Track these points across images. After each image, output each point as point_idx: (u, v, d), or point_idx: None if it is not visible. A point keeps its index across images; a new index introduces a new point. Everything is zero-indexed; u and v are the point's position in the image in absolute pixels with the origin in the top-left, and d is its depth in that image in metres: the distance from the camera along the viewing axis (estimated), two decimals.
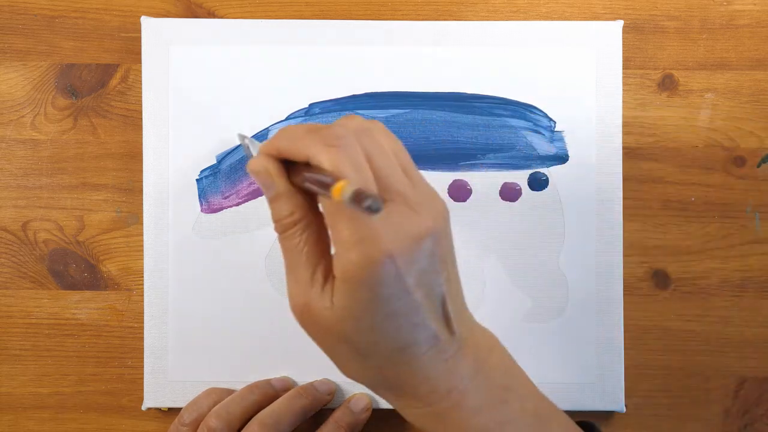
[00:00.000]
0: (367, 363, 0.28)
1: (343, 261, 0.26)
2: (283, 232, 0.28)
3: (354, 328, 0.27)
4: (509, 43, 0.42)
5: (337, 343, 0.28)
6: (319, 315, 0.27)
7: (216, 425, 0.37)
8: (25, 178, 0.42)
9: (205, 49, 0.42)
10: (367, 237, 0.25)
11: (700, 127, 0.42)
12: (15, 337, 0.43)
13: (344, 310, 0.26)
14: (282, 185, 0.27)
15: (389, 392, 0.29)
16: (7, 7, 0.43)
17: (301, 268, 0.27)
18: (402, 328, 0.27)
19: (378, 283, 0.25)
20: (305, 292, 0.27)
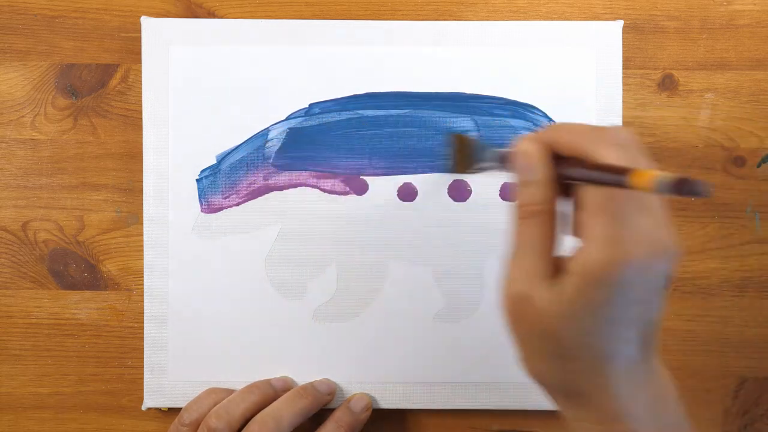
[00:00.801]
0: (565, 365, 0.28)
1: (591, 256, 0.26)
2: (527, 218, 0.28)
3: (572, 327, 0.27)
4: (509, 43, 0.42)
5: (544, 338, 0.28)
6: (539, 305, 0.27)
7: (216, 425, 0.37)
8: (25, 178, 0.42)
9: (205, 49, 0.42)
10: (621, 238, 0.25)
11: (700, 127, 0.42)
12: (15, 337, 0.43)
13: (569, 307, 0.26)
14: (546, 172, 0.28)
15: (569, 400, 0.29)
16: (7, 7, 0.43)
17: (533, 258, 0.28)
18: (613, 338, 0.27)
19: (616, 285, 0.25)
20: (529, 281, 0.27)
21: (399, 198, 0.42)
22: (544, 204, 0.28)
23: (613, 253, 0.25)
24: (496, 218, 0.41)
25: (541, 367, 0.29)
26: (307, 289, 0.42)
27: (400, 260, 0.42)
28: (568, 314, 0.26)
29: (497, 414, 0.42)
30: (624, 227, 0.26)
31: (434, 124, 0.41)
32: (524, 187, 0.28)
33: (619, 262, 0.25)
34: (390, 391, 0.42)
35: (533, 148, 0.28)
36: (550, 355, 0.28)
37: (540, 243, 0.28)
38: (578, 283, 0.26)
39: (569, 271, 0.26)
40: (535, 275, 0.27)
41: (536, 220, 0.28)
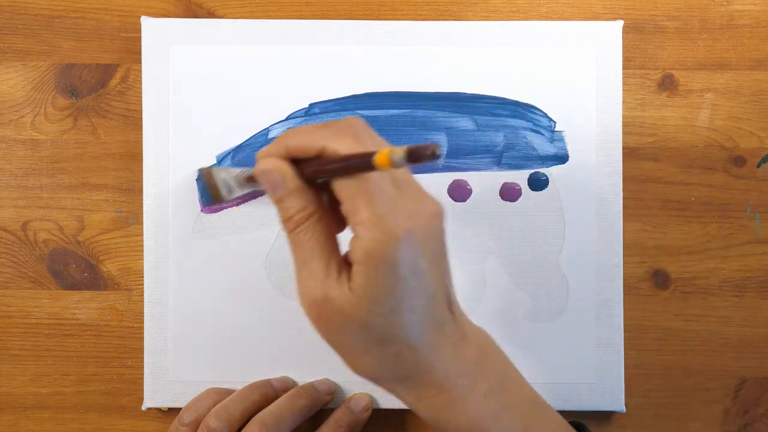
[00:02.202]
0: (384, 349, 0.28)
1: (364, 241, 0.27)
2: (295, 228, 0.29)
3: (375, 311, 0.27)
4: (509, 43, 0.42)
5: (354, 332, 0.28)
6: (338, 303, 0.28)
7: (216, 425, 0.37)
8: (25, 178, 0.42)
9: (205, 49, 0.42)
10: (386, 215, 0.26)
11: (700, 127, 0.42)
12: (15, 337, 0.43)
13: (365, 293, 0.27)
14: (295, 181, 0.29)
15: (402, 384, 0.30)
16: (7, 7, 0.43)
17: (316, 261, 0.28)
18: (417, 310, 0.28)
19: (398, 259, 0.26)
20: (321, 284, 0.28)
21: None
22: (306, 209, 0.29)
23: (383, 231, 0.26)
24: (496, 218, 0.41)
25: (366, 361, 0.29)
26: None
27: None
28: (368, 300, 0.27)
29: None
30: (385, 205, 0.27)
31: (434, 124, 0.41)
32: (281, 202, 0.29)
33: (394, 237, 0.26)
34: None
35: (272, 164, 0.29)
36: (369, 347, 0.29)
37: (319, 246, 0.28)
38: (363, 269, 0.27)
39: (353, 261, 0.27)
40: (326, 276, 0.28)
41: (306, 225, 0.28)
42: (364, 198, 0.27)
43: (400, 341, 0.28)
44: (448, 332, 0.29)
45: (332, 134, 0.28)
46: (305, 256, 0.29)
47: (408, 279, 0.27)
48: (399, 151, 0.24)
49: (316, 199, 0.29)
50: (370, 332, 0.28)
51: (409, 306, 0.28)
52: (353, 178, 0.27)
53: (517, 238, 0.41)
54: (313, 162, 0.28)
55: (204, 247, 0.41)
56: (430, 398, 0.30)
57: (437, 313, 0.29)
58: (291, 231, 0.29)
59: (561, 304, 0.41)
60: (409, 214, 0.27)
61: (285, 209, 0.29)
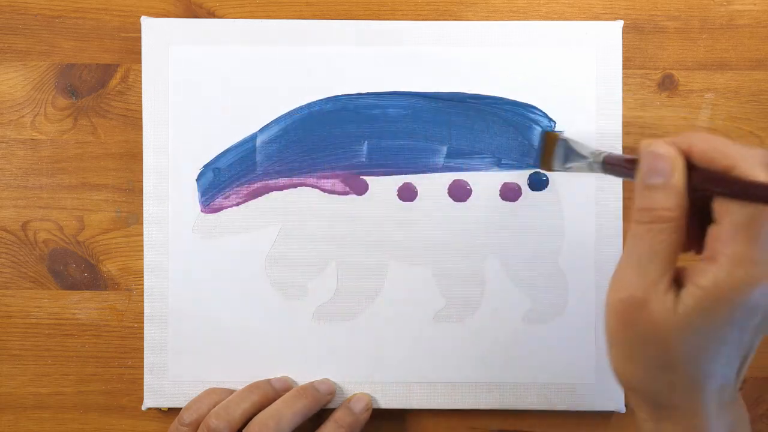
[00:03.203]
0: (664, 376, 0.28)
1: (722, 273, 0.25)
2: (653, 223, 0.27)
3: (684, 340, 0.26)
4: (509, 43, 0.42)
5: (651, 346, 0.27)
6: (655, 314, 0.27)
7: (216, 425, 0.37)
8: (25, 178, 0.42)
9: (205, 49, 0.42)
10: (760, 261, 0.25)
11: (700, 127, 0.42)
12: (15, 337, 0.43)
13: (689, 319, 0.26)
14: (680, 179, 0.27)
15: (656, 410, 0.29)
16: (7, 7, 0.43)
17: (653, 265, 0.27)
18: (720, 358, 0.27)
19: (741, 307, 0.25)
20: (648, 288, 0.27)
21: (399, 198, 0.42)
22: (674, 211, 0.27)
23: (748, 275, 0.25)
24: (496, 218, 0.41)
25: (637, 374, 0.28)
26: (307, 289, 0.42)
27: (400, 260, 0.42)
28: (684, 327, 0.26)
29: (497, 414, 0.42)
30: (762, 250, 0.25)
31: (434, 124, 0.41)
32: (651, 190, 0.27)
33: (752, 285, 0.25)
34: (390, 391, 0.42)
35: (669, 152, 0.27)
36: (651, 364, 0.28)
37: (666, 250, 0.27)
38: (703, 298, 0.26)
39: (694, 283, 0.26)
40: (656, 282, 0.27)
41: (665, 226, 0.27)
42: (748, 233, 0.25)
43: (685, 377, 0.27)
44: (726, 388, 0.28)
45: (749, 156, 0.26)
46: (645, 254, 0.27)
47: (736, 327, 0.26)
48: None
49: (685, 207, 0.27)
50: (666, 354, 0.27)
51: (718, 353, 0.27)
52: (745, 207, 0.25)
53: (517, 238, 0.41)
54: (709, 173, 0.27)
55: (204, 247, 0.41)
56: None
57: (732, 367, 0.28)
58: (642, 223, 0.27)
59: (561, 304, 0.41)
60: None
61: (653, 199, 0.27)
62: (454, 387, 0.41)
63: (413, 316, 0.42)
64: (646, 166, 0.28)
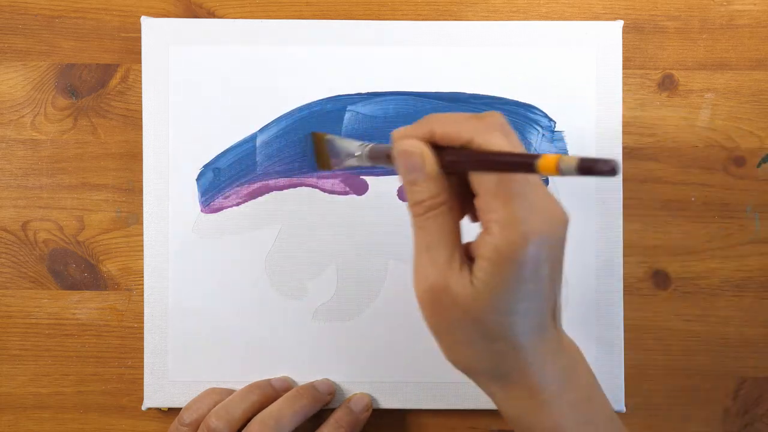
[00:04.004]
0: (490, 346, 0.29)
1: (496, 238, 0.27)
2: (425, 213, 0.28)
3: (492, 308, 0.27)
4: (509, 43, 0.42)
5: (465, 324, 0.28)
6: (457, 294, 0.28)
7: (216, 425, 0.37)
8: (25, 178, 0.42)
9: (205, 49, 0.42)
10: (523, 217, 0.26)
11: (700, 127, 0.42)
12: (15, 337, 0.43)
13: (486, 289, 0.27)
14: (434, 167, 0.28)
15: (496, 381, 0.30)
16: (7, 7, 0.43)
17: (440, 249, 0.28)
18: (529, 313, 0.28)
19: (525, 262, 0.27)
20: (443, 272, 0.28)
21: (399, 198, 0.42)
22: (439, 196, 0.28)
23: (518, 232, 0.26)
24: None
25: (468, 354, 0.29)
26: (307, 289, 0.42)
27: (400, 260, 0.42)
28: (485, 297, 0.27)
29: (497, 414, 0.42)
30: (521, 206, 0.27)
31: None
32: (414, 185, 0.29)
33: (524, 239, 0.26)
34: (390, 391, 0.42)
35: (415, 147, 0.28)
36: (475, 341, 0.29)
37: (446, 234, 0.28)
38: (489, 266, 0.27)
39: (479, 255, 0.27)
40: (448, 265, 0.28)
41: (436, 212, 0.28)
42: (504, 197, 0.27)
43: (507, 340, 0.28)
44: (548, 338, 0.29)
45: (483, 127, 0.28)
46: (429, 242, 0.28)
47: (529, 282, 0.27)
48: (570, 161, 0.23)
49: (448, 188, 0.29)
50: (482, 327, 0.28)
51: (524, 308, 0.28)
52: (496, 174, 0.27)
53: None
54: (455, 151, 0.28)
55: (204, 247, 0.41)
56: (519, 399, 0.30)
57: (544, 318, 0.29)
58: (419, 216, 0.29)
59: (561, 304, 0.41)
60: (542, 219, 0.27)
61: (417, 192, 0.28)
62: (454, 387, 0.41)
63: (413, 316, 0.41)
64: (401, 166, 0.29)
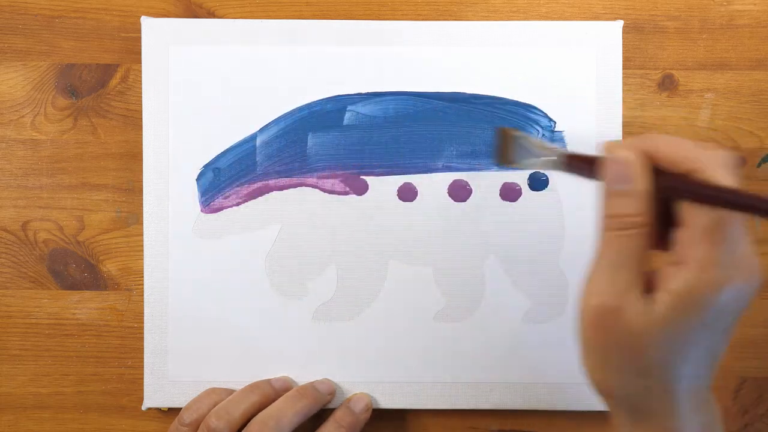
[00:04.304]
0: (640, 381, 0.28)
1: (691, 277, 0.26)
2: (621, 230, 0.27)
3: (660, 344, 0.27)
4: (509, 43, 0.42)
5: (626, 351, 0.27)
6: (629, 320, 0.27)
7: (216, 425, 0.37)
8: (25, 178, 0.42)
9: (205, 49, 0.42)
10: (726, 263, 0.26)
11: (700, 127, 0.42)
12: (15, 337, 0.43)
13: (662, 324, 0.26)
14: (645, 184, 0.27)
15: (632, 415, 0.29)
16: (7, 7, 0.43)
17: (624, 270, 0.27)
18: (697, 360, 0.27)
19: (712, 308, 0.26)
20: (622, 294, 0.27)
21: (399, 198, 0.42)
22: (641, 216, 0.27)
23: (716, 278, 0.26)
24: (496, 218, 0.41)
25: (613, 380, 0.28)
26: (307, 289, 0.42)
27: (400, 260, 0.42)
28: (658, 332, 0.26)
29: (497, 414, 0.42)
30: (728, 252, 0.26)
31: (434, 125, 0.41)
32: (617, 197, 0.27)
33: (720, 287, 0.26)
34: (390, 391, 0.42)
35: (633, 158, 0.27)
36: (626, 370, 0.28)
37: (635, 256, 0.27)
38: (675, 302, 0.26)
39: (665, 289, 0.26)
40: (628, 289, 0.27)
41: (633, 232, 0.27)
42: (715, 237, 0.26)
43: (662, 380, 0.27)
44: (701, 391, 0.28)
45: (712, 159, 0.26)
46: (614, 260, 0.27)
47: (709, 329, 0.26)
48: None
49: (651, 211, 0.27)
50: (642, 360, 0.27)
51: (693, 354, 0.27)
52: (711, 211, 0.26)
53: (517, 238, 0.41)
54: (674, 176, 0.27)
55: (204, 247, 0.41)
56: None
57: (706, 370, 0.28)
58: (611, 230, 0.27)
59: (561, 304, 0.41)
60: (742, 270, 0.26)
61: (619, 206, 0.27)
62: (454, 387, 0.41)
63: (413, 316, 0.42)
64: (611, 173, 0.28)
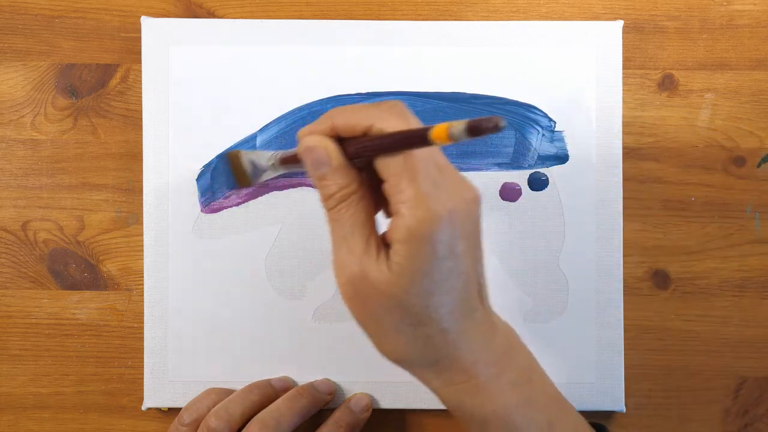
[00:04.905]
0: (416, 331, 0.29)
1: (406, 218, 0.27)
2: (336, 206, 0.29)
3: (412, 290, 0.28)
4: (509, 43, 0.42)
5: (388, 311, 0.28)
6: (376, 281, 0.28)
7: (216, 425, 0.37)
8: (25, 178, 0.42)
9: (205, 49, 0.42)
10: (430, 194, 0.27)
11: (700, 127, 0.42)
12: (15, 337, 0.43)
13: (403, 272, 0.27)
14: (339, 159, 0.29)
15: (430, 368, 0.30)
16: (7, 7, 0.43)
17: (355, 239, 0.28)
18: (451, 292, 0.28)
19: (438, 239, 0.27)
20: (360, 261, 0.28)
21: None
22: (349, 187, 0.29)
23: (427, 209, 0.27)
24: (496, 218, 0.41)
25: (397, 342, 0.29)
26: (307, 289, 0.42)
27: None
28: (404, 280, 0.27)
29: None
30: (427, 184, 0.27)
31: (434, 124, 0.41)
32: (323, 179, 0.29)
33: (437, 216, 0.27)
34: (390, 391, 0.42)
35: (317, 141, 0.29)
36: (400, 328, 0.29)
37: (360, 223, 0.29)
38: (403, 248, 0.27)
39: (393, 239, 0.27)
40: (365, 253, 0.28)
41: (347, 203, 0.29)
42: (409, 176, 0.27)
43: (433, 323, 0.28)
44: (478, 319, 0.29)
45: (380, 113, 0.28)
46: (344, 233, 0.29)
47: (446, 260, 0.27)
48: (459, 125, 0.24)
49: (357, 177, 0.29)
50: (405, 312, 0.28)
51: (445, 288, 0.28)
52: (398, 156, 0.27)
53: (517, 238, 0.41)
54: (358, 140, 0.28)
55: (204, 247, 0.41)
56: (456, 384, 0.30)
57: (470, 298, 0.29)
58: (331, 209, 0.29)
59: (561, 304, 0.41)
60: (451, 195, 0.27)
61: (327, 186, 0.29)
62: None
63: None
64: (308, 162, 0.29)
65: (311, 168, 0.29)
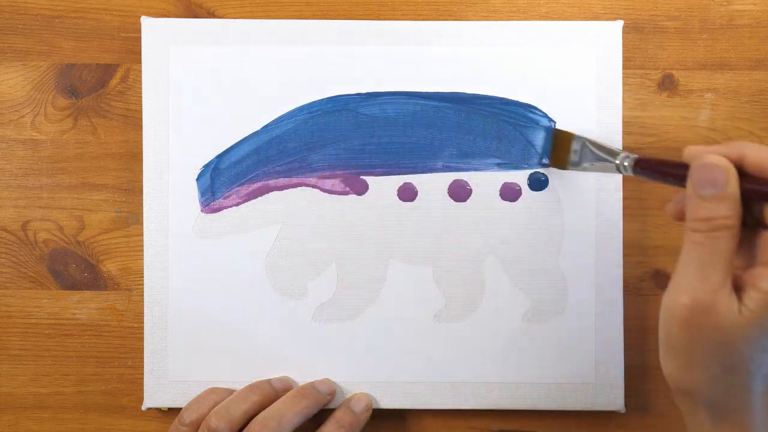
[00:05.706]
0: (726, 375, 0.28)
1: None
2: (711, 232, 0.28)
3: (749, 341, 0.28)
4: (509, 43, 0.42)
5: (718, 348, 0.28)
6: (721, 316, 0.28)
7: (217, 425, 0.37)
8: (25, 178, 0.42)
9: (205, 49, 0.42)
10: None
11: (700, 127, 0.42)
12: (15, 337, 0.43)
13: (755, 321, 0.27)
14: (735, 189, 0.28)
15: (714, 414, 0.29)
16: (7, 7, 0.43)
17: (715, 270, 0.28)
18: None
19: None
20: (714, 291, 0.28)
21: (399, 198, 0.42)
22: (730, 219, 0.28)
23: None
24: (496, 218, 0.41)
25: (698, 378, 0.29)
26: (307, 289, 0.42)
27: (400, 260, 0.42)
28: (748, 329, 0.27)
29: (497, 414, 0.42)
30: None
31: (434, 124, 0.41)
32: (707, 201, 0.28)
33: None
34: (390, 391, 0.42)
35: (722, 162, 0.28)
36: (713, 367, 0.28)
37: (726, 257, 0.28)
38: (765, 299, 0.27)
39: (754, 286, 0.27)
40: (720, 287, 0.28)
41: (721, 233, 0.28)
42: None
43: (750, 377, 0.28)
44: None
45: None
46: (704, 260, 0.28)
47: None
48: None
49: (740, 213, 0.28)
50: (729, 355, 0.28)
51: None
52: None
53: (517, 238, 0.41)
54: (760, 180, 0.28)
55: (204, 247, 0.41)
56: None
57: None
58: (700, 232, 0.28)
59: (561, 304, 0.41)
60: None
61: (709, 210, 0.28)
62: (454, 387, 0.41)
63: (413, 316, 0.42)
64: (700, 178, 0.29)
65: (699, 184, 0.29)
